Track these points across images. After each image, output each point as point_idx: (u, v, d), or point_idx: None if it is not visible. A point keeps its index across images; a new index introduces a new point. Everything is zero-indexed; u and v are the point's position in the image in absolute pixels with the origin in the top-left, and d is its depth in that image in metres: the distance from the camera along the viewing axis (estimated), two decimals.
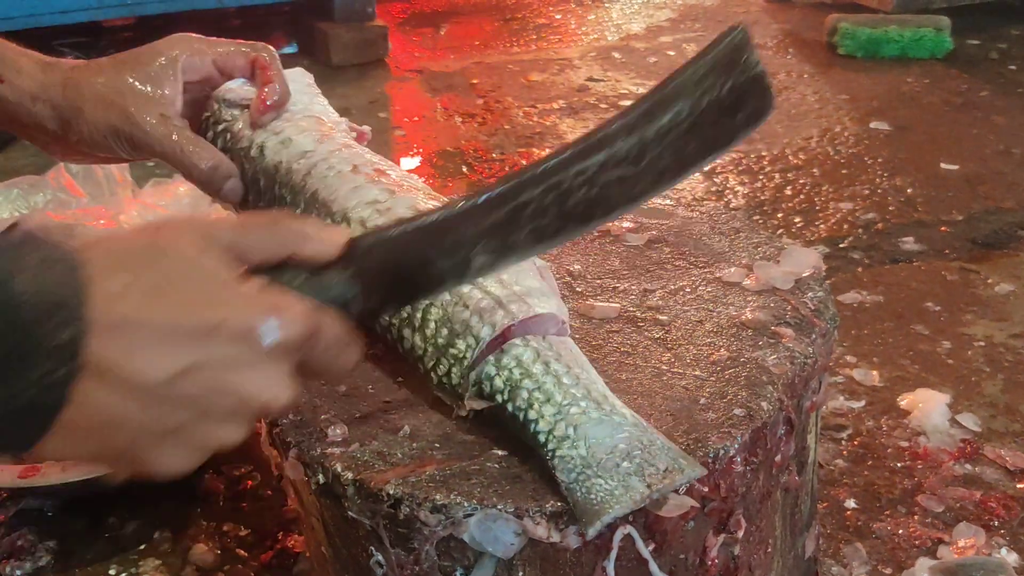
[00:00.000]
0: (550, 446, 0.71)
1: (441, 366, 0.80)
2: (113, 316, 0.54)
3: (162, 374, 0.56)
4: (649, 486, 0.68)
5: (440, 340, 0.80)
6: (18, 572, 1.25)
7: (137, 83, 0.92)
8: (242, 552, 1.26)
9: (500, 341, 0.77)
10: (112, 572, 1.24)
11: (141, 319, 0.55)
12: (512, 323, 0.78)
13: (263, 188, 0.94)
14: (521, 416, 0.74)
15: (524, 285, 0.81)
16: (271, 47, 1.01)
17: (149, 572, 1.24)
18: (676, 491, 0.72)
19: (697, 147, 0.71)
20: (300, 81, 1.03)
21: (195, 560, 1.25)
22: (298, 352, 0.62)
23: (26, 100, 0.90)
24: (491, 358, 0.76)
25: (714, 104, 0.70)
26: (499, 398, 0.75)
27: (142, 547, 1.28)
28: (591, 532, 0.69)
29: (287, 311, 0.61)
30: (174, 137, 0.92)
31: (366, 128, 1.03)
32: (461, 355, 0.79)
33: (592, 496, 0.68)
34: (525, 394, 0.74)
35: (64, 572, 1.25)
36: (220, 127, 0.99)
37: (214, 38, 1.00)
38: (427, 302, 0.80)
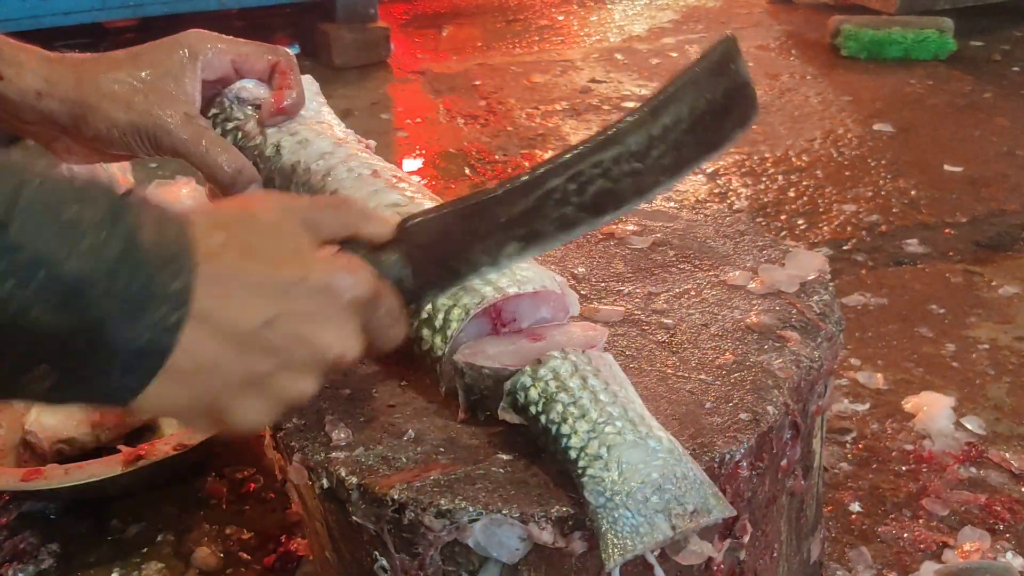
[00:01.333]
0: (581, 463, 0.70)
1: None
2: (213, 270, 0.60)
3: (253, 322, 0.62)
4: (674, 527, 0.68)
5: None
6: (20, 575, 1.24)
7: (158, 80, 0.90)
8: (245, 555, 1.26)
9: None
10: (115, 575, 1.24)
11: (236, 273, 0.62)
12: (498, 297, 0.81)
13: (278, 187, 0.93)
14: (554, 430, 0.72)
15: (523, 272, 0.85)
16: (291, 52, 1.01)
17: (152, 575, 1.23)
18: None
19: (694, 147, 0.78)
20: (309, 89, 1.03)
21: (198, 563, 1.24)
22: (365, 312, 0.69)
23: (29, 96, 0.88)
24: (527, 368, 0.75)
25: (710, 107, 0.77)
26: (532, 410, 0.74)
27: (145, 550, 1.27)
28: (610, 566, 0.68)
29: (359, 272, 0.69)
30: (199, 138, 0.90)
31: (372, 141, 1.02)
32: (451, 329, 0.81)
33: (617, 528, 0.67)
34: (560, 407, 0.72)
35: (66, 575, 1.25)
36: (230, 125, 0.98)
37: (232, 37, 0.98)
38: (450, 303, 0.83)
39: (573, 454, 0.70)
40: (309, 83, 1.02)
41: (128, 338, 0.57)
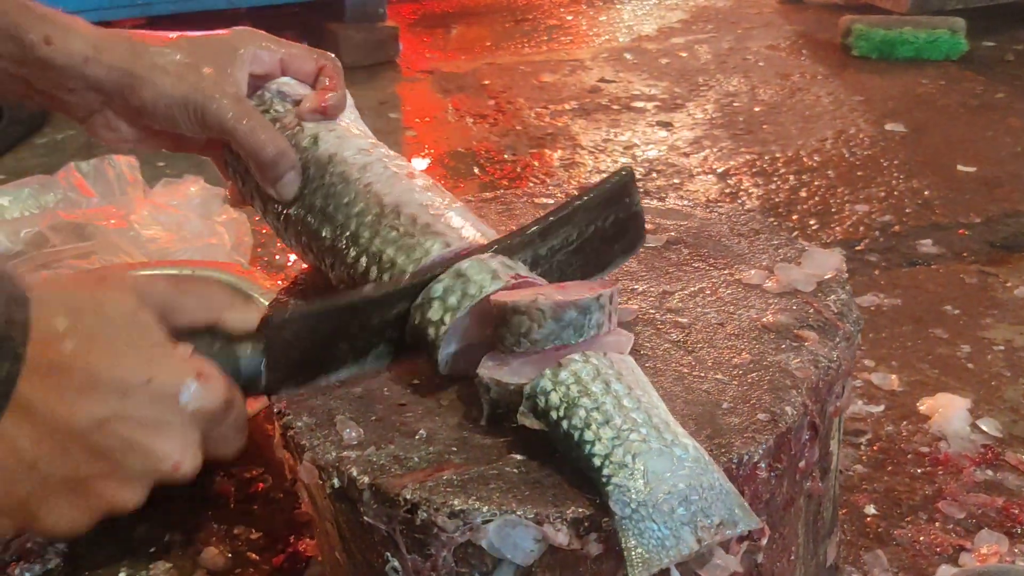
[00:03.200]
0: (606, 471, 0.68)
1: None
2: (47, 358, 0.56)
3: (82, 421, 0.57)
4: (699, 540, 0.66)
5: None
6: (27, 575, 1.24)
7: (211, 62, 0.90)
8: (253, 556, 1.25)
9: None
10: (122, 575, 1.23)
11: (73, 364, 0.57)
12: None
13: (312, 176, 0.92)
14: (576, 436, 0.70)
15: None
16: (336, 58, 1.00)
17: (159, 575, 1.22)
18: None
19: (578, 268, 0.83)
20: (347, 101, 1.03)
21: (206, 563, 1.23)
22: (209, 422, 0.65)
23: (76, 61, 0.86)
24: (548, 372, 0.73)
25: (597, 233, 0.83)
26: (553, 415, 0.72)
27: (152, 550, 1.26)
28: None
29: (211, 379, 0.64)
30: (246, 117, 0.89)
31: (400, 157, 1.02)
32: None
33: (644, 540, 0.66)
34: (583, 413, 0.71)
35: (73, 575, 1.24)
36: (268, 117, 0.96)
37: (282, 39, 0.98)
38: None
39: (597, 461, 0.69)
40: (346, 96, 1.02)
41: None
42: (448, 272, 0.80)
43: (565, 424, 0.71)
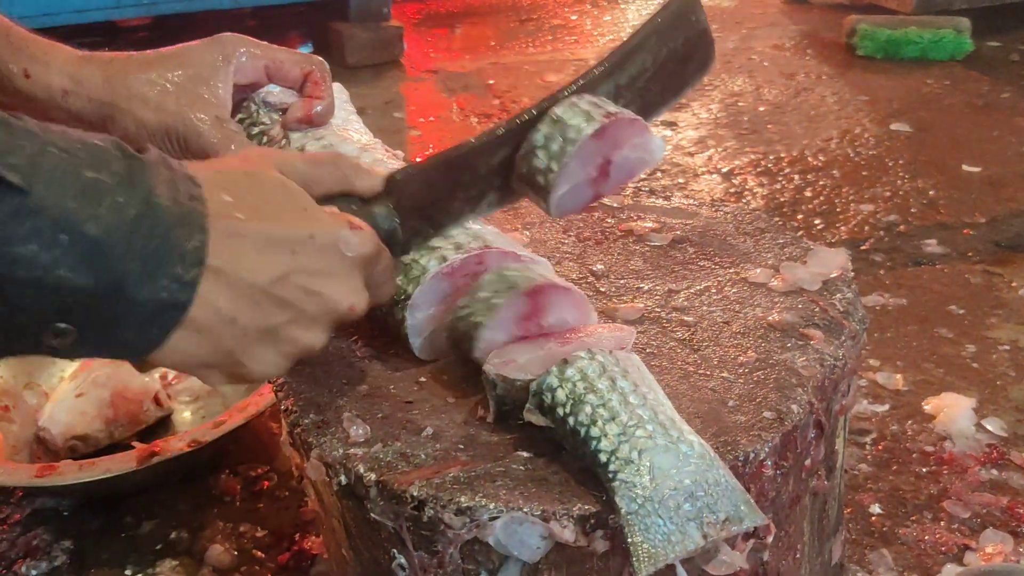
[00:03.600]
0: (612, 467, 0.68)
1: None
2: (225, 228, 0.63)
3: (265, 277, 0.65)
4: (705, 536, 0.66)
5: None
6: (33, 572, 1.24)
7: (189, 82, 0.90)
8: (259, 553, 1.25)
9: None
10: (128, 572, 1.23)
11: (247, 231, 0.64)
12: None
13: None
14: (583, 432, 0.70)
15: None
16: (324, 62, 1.00)
17: (165, 573, 1.23)
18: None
19: (659, 93, 0.84)
20: (338, 97, 1.02)
21: (212, 561, 1.23)
22: (368, 267, 0.72)
23: (56, 95, 0.88)
24: (554, 369, 0.74)
25: (671, 55, 0.83)
26: (560, 411, 0.72)
27: (158, 547, 1.27)
28: (643, 575, 0.66)
29: (362, 229, 0.72)
30: (230, 143, 0.90)
31: (399, 152, 1.02)
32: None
33: (650, 535, 0.66)
34: (588, 409, 0.71)
35: (80, 572, 1.24)
36: (256, 129, 0.97)
37: (266, 43, 0.98)
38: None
39: (603, 457, 0.69)
40: (339, 91, 1.02)
41: (148, 294, 0.59)
42: (544, 120, 0.82)
43: (571, 421, 0.71)
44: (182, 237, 0.61)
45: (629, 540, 0.66)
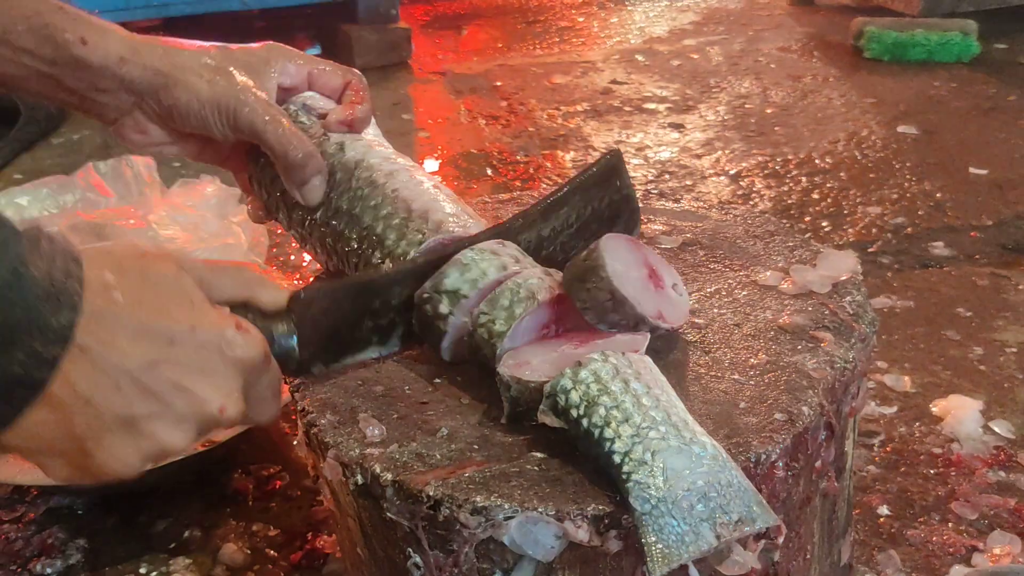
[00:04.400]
0: (626, 468, 0.69)
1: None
2: (101, 307, 0.61)
3: (133, 362, 0.62)
4: (718, 537, 0.67)
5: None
6: (48, 570, 1.25)
7: (242, 69, 0.92)
8: (272, 552, 1.26)
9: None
10: (143, 571, 1.24)
11: (124, 313, 0.62)
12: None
13: (339, 180, 0.94)
14: (596, 433, 0.71)
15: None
16: (363, 76, 1.02)
17: (179, 571, 1.24)
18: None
19: (582, 250, 0.82)
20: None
21: (225, 560, 1.25)
22: (248, 376, 0.69)
23: (112, 61, 0.88)
24: (568, 371, 0.75)
25: (595, 214, 0.87)
26: (573, 413, 0.73)
27: (172, 546, 1.28)
28: (657, 575, 0.67)
29: (249, 330, 0.69)
30: (277, 120, 0.91)
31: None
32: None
33: (664, 536, 0.67)
34: (602, 411, 0.72)
35: (94, 570, 1.25)
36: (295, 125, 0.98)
37: (310, 56, 1.01)
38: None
39: (617, 458, 0.70)
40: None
41: (7, 364, 0.57)
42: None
43: (585, 422, 0.72)
44: (48, 312, 0.58)
45: (643, 540, 0.67)
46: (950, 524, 1.24)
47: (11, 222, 0.58)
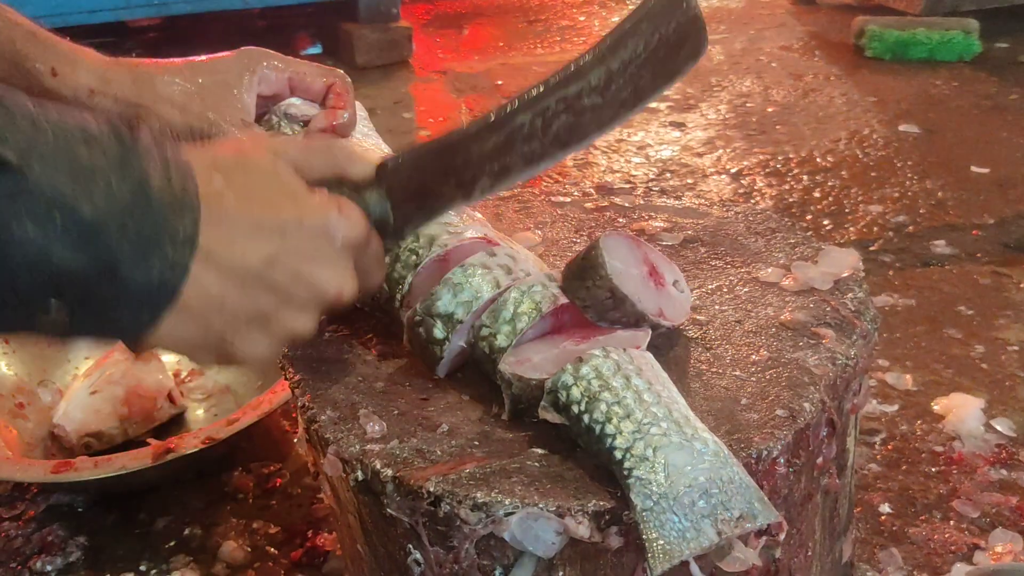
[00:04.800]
0: (627, 464, 0.69)
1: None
2: (216, 212, 0.64)
3: (254, 261, 0.66)
4: (720, 533, 0.67)
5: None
6: (49, 567, 1.25)
7: (216, 87, 0.92)
8: (272, 550, 1.26)
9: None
10: (143, 568, 1.24)
11: (237, 215, 0.65)
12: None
13: None
14: (598, 429, 0.71)
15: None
16: (346, 75, 1.01)
17: (180, 569, 1.24)
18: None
19: (650, 79, 0.83)
20: (358, 114, 1.03)
21: (225, 557, 1.24)
22: (357, 252, 0.73)
23: (82, 94, 0.89)
24: (569, 367, 0.74)
25: (663, 41, 0.82)
26: (575, 409, 0.73)
27: (172, 543, 1.28)
28: (657, 572, 0.67)
29: (352, 214, 0.72)
30: None
31: None
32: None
33: (665, 532, 0.67)
34: (604, 407, 0.72)
35: (95, 568, 1.25)
36: None
37: (290, 57, 0.99)
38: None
39: (619, 455, 0.69)
40: (358, 108, 1.03)
41: (141, 276, 0.61)
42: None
43: (586, 418, 0.72)
44: (174, 220, 0.62)
45: (644, 537, 0.67)
46: (952, 522, 1.24)
47: (124, 136, 0.61)
